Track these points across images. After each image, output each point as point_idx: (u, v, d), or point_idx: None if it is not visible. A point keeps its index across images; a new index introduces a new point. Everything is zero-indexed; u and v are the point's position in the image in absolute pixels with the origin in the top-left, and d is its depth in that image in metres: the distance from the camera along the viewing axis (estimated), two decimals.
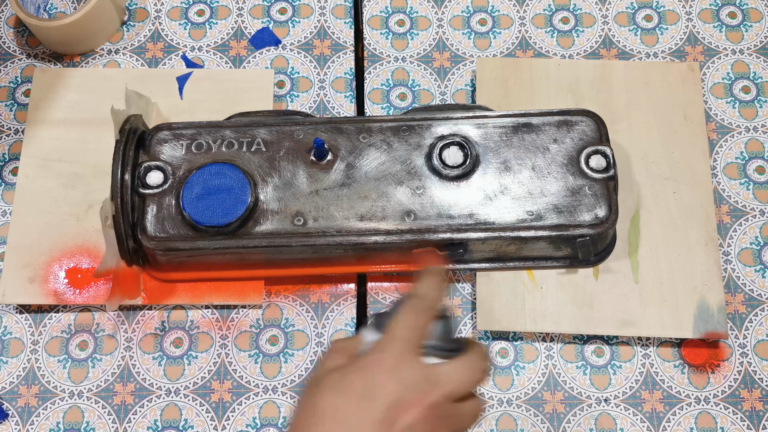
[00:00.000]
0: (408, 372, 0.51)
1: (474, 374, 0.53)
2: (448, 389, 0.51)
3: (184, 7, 0.90)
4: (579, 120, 0.74)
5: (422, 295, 0.55)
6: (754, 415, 0.74)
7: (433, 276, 0.56)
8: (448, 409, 0.52)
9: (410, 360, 0.52)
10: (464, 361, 0.53)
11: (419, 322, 0.53)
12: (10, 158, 0.84)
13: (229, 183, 0.71)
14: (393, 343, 0.52)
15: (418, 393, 0.50)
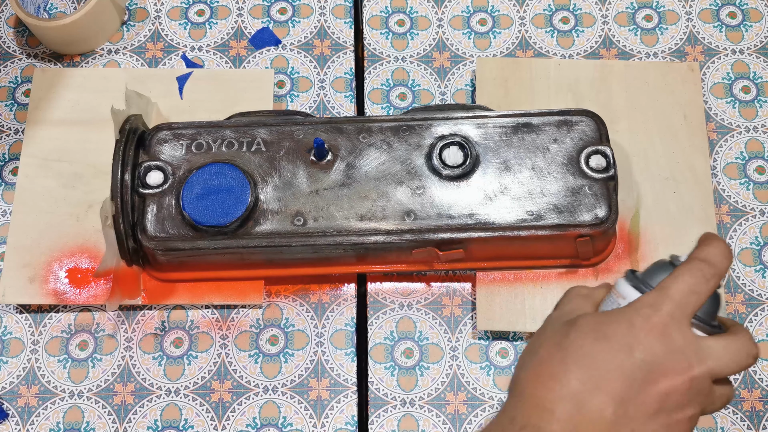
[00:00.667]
0: (678, 337, 0.49)
1: (741, 357, 0.50)
2: (713, 366, 0.49)
3: (184, 7, 0.90)
4: (579, 120, 0.74)
5: (710, 261, 0.51)
6: (754, 415, 0.74)
7: (721, 242, 0.52)
8: (706, 387, 0.49)
9: (682, 326, 0.49)
10: (735, 341, 0.50)
11: (701, 288, 0.50)
12: (10, 158, 0.84)
13: (229, 183, 0.71)
14: (667, 303, 0.49)
15: (685, 362, 0.48)
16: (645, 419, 0.48)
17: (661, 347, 0.48)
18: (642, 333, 0.49)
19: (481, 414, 0.74)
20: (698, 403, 0.49)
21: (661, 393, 0.48)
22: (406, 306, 0.78)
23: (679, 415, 0.48)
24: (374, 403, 0.75)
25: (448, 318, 0.78)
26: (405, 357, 0.77)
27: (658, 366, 0.48)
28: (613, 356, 0.48)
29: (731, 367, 0.50)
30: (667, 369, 0.48)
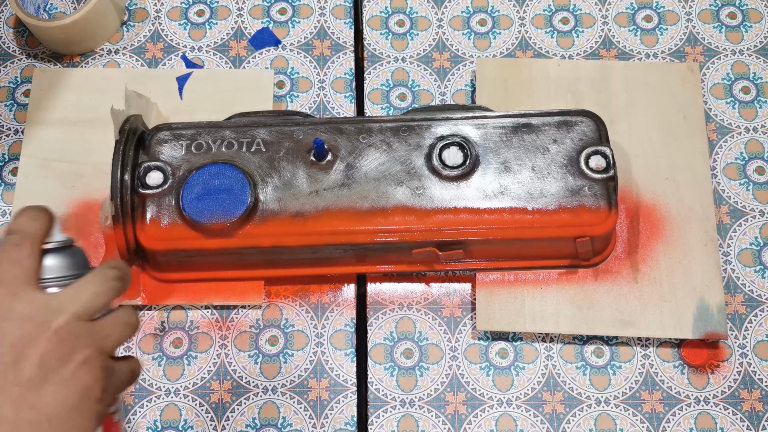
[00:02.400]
0: (20, 307, 0.48)
1: (101, 286, 0.50)
2: (74, 309, 0.49)
3: (184, 8, 0.90)
4: (579, 120, 0.74)
5: (16, 230, 0.51)
6: (753, 416, 0.74)
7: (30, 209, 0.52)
8: (83, 328, 0.49)
9: (21, 296, 0.49)
10: (87, 278, 0.51)
11: (17, 256, 0.50)
12: (10, 158, 0.84)
13: (229, 183, 0.71)
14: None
15: (39, 323, 0.48)
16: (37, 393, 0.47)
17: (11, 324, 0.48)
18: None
19: (480, 414, 0.74)
20: (84, 345, 0.49)
21: (36, 362, 0.47)
22: (406, 306, 0.78)
23: (69, 365, 0.48)
24: (374, 404, 0.75)
25: (447, 318, 0.78)
26: (405, 357, 0.77)
27: (19, 341, 0.47)
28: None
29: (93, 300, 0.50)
30: (28, 338, 0.48)
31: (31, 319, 0.48)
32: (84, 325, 0.49)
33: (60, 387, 0.48)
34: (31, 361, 0.47)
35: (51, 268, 0.52)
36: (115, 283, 0.51)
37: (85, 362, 0.49)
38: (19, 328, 0.48)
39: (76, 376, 0.48)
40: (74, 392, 0.48)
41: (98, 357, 0.49)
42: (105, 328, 0.51)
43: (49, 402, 0.47)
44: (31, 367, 0.47)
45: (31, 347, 0.47)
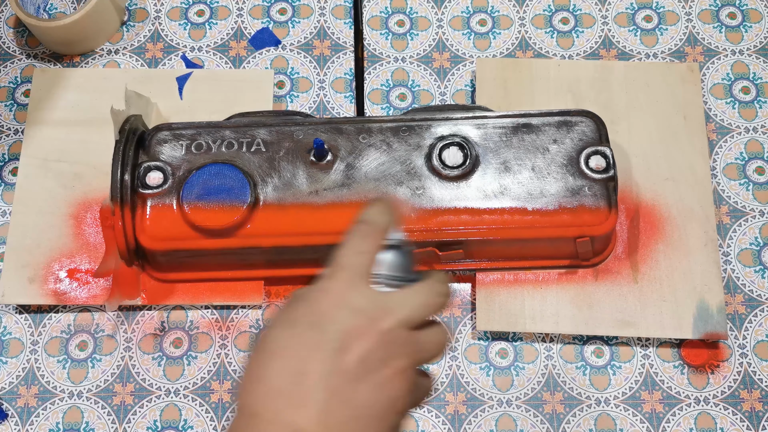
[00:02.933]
0: (357, 299, 0.48)
1: (430, 299, 0.50)
2: (402, 315, 0.48)
3: (183, 8, 0.90)
4: (579, 120, 0.74)
5: (367, 220, 0.51)
6: (753, 416, 0.74)
7: (381, 202, 0.53)
8: (405, 337, 0.48)
9: (359, 287, 0.49)
10: (419, 287, 0.50)
11: (364, 247, 0.50)
12: (10, 158, 0.84)
13: (229, 183, 0.71)
14: (339, 270, 0.49)
15: (369, 319, 0.48)
16: (352, 387, 0.46)
17: (345, 313, 0.48)
18: (324, 306, 0.48)
19: (480, 414, 0.74)
20: (403, 355, 0.48)
21: (358, 357, 0.47)
22: None
23: (386, 371, 0.47)
24: None
25: (447, 318, 0.78)
26: None
27: (346, 332, 0.47)
28: (308, 338, 0.47)
29: (421, 310, 0.49)
30: (355, 332, 0.47)
31: (362, 313, 0.48)
32: (407, 333, 0.49)
33: (374, 389, 0.47)
34: (354, 355, 0.47)
35: (384, 265, 0.51)
36: (442, 299, 0.50)
37: (401, 372, 0.48)
38: (350, 319, 0.47)
39: (392, 383, 0.47)
40: (385, 398, 0.47)
41: (411, 370, 0.49)
42: (423, 341, 0.50)
43: (362, 401, 0.47)
44: (352, 361, 0.47)
45: (357, 342, 0.47)
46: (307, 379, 0.46)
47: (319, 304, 0.48)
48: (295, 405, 0.46)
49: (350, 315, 0.48)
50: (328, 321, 0.47)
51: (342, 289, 0.49)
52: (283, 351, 0.47)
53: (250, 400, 0.47)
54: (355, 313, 0.48)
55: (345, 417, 0.46)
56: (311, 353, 0.47)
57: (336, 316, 0.48)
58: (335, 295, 0.48)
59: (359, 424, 0.47)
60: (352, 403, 0.46)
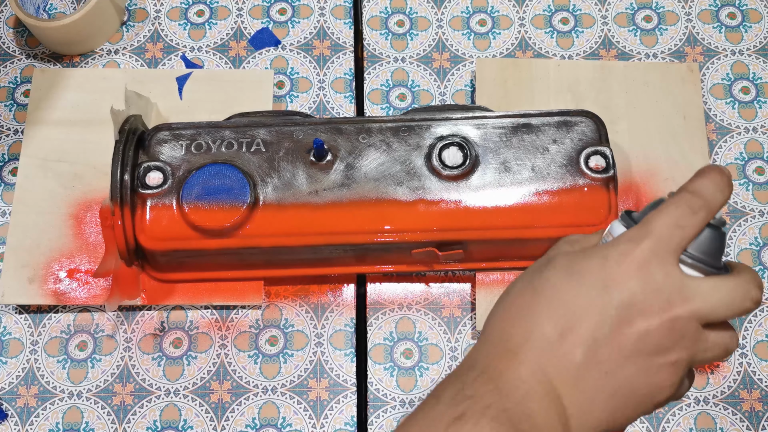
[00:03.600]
0: (658, 274, 0.44)
1: (737, 299, 0.44)
2: (699, 307, 0.44)
3: (183, 8, 0.90)
4: (578, 120, 0.74)
5: (698, 192, 0.46)
6: (753, 416, 0.74)
7: (715, 173, 0.47)
8: (693, 331, 0.44)
9: (664, 262, 0.44)
10: (729, 282, 0.45)
11: (688, 221, 0.45)
12: (10, 158, 0.84)
13: (228, 183, 0.71)
14: (648, 237, 0.45)
15: (664, 301, 0.43)
16: (619, 362, 0.44)
17: (639, 284, 0.44)
18: (618, 269, 0.44)
19: None
20: (684, 348, 0.44)
21: (638, 334, 0.44)
22: (406, 307, 0.78)
23: (660, 359, 0.44)
24: (374, 404, 0.75)
25: (447, 318, 0.78)
26: (404, 357, 0.77)
27: (634, 305, 0.44)
28: (586, 294, 0.44)
29: (722, 309, 0.45)
30: (644, 308, 0.44)
31: (659, 292, 0.44)
32: (696, 327, 0.45)
33: (641, 372, 0.44)
34: (634, 331, 0.44)
35: (695, 244, 0.46)
36: (749, 304, 0.45)
37: (674, 365, 0.45)
38: (643, 294, 0.44)
39: (661, 372, 0.44)
40: (649, 386, 0.45)
41: (686, 366, 0.45)
42: (709, 341, 0.46)
43: (624, 380, 0.44)
44: (630, 336, 0.44)
45: (642, 319, 0.44)
46: (576, 336, 0.44)
47: (617, 266, 0.45)
48: (555, 357, 0.44)
49: (645, 289, 0.44)
50: (619, 287, 0.44)
51: (645, 259, 0.44)
52: (561, 301, 0.45)
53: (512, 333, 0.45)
54: (651, 290, 0.44)
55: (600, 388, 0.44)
56: (590, 313, 0.44)
57: (629, 286, 0.44)
58: (636, 264, 0.44)
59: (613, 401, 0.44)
60: (612, 378, 0.44)
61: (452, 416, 0.43)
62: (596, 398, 0.44)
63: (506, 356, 0.45)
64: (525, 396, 0.44)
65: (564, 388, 0.44)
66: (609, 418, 0.45)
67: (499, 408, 0.43)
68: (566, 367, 0.44)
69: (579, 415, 0.44)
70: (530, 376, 0.44)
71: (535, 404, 0.44)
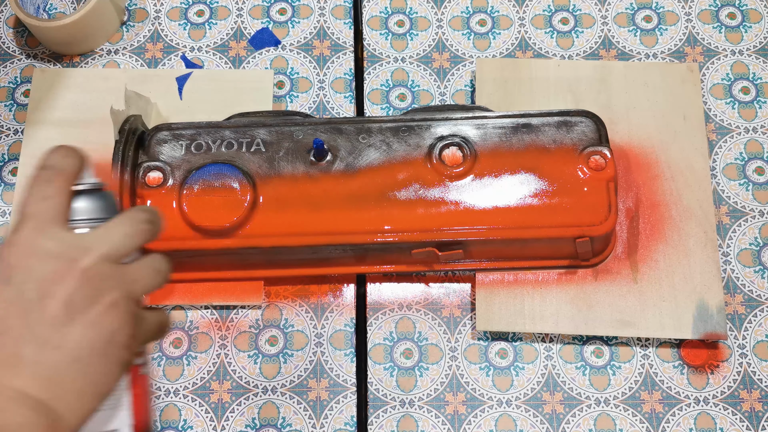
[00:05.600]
0: (48, 244, 0.46)
1: (132, 228, 0.49)
2: (102, 250, 0.47)
3: (183, 8, 0.90)
4: (578, 120, 0.74)
5: (48, 165, 0.49)
6: (753, 416, 0.74)
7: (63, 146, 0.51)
8: (111, 271, 0.47)
9: (48, 232, 0.47)
10: (118, 220, 0.49)
11: (49, 191, 0.48)
12: (10, 158, 0.84)
13: (229, 183, 0.71)
14: (25, 220, 0.47)
15: (66, 261, 0.46)
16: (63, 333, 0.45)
17: (38, 261, 0.46)
18: (12, 259, 0.46)
19: (480, 414, 0.74)
20: (111, 288, 0.47)
21: (62, 301, 0.45)
22: (406, 307, 0.78)
23: (96, 307, 0.46)
24: (373, 404, 0.75)
25: (447, 319, 0.78)
26: (404, 357, 0.77)
27: (43, 280, 0.45)
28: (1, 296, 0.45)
29: (123, 241, 0.48)
30: (53, 277, 0.45)
31: (58, 256, 0.46)
32: (112, 267, 0.47)
33: (86, 328, 0.46)
34: (57, 299, 0.45)
35: (81, 210, 0.50)
36: (146, 225, 0.49)
37: (113, 305, 0.46)
38: (46, 265, 0.46)
39: (103, 318, 0.46)
40: (100, 335, 0.46)
41: (126, 302, 0.47)
42: (134, 272, 0.49)
43: (74, 343, 0.45)
44: (56, 305, 0.45)
45: (57, 286, 0.45)
46: (10, 337, 0.45)
47: (9, 257, 0.46)
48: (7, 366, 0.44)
49: (44, 261, 0.46)
50: (21, 272, 0.46)
51: (30, 237, 0.47)
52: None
53: None
54: (50, 258, 0.46)
55: (61, 363, 0.45)
56: (9, 310, 0.45)
57: (29, 266, 0.46)
58: (24, 245, 0.47)
59: (79, 366, 0.45)
60: (65, 348, 0.45)
61: None
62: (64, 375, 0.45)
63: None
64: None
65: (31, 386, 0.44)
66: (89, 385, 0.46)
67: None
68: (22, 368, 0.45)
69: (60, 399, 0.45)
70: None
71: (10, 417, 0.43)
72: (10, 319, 0.45)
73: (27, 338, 0.45)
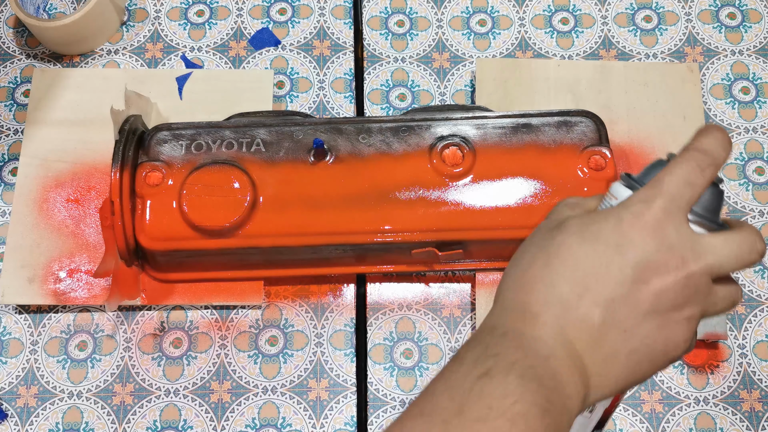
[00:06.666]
0: (672, 232, 0.45)
1: (744, 251, 0.46)
2: (711, 261, 0.45)
3: (183, 8, 0.90)
4: (578, 120, 0.74)
5: (705, 150, 0.46)
6: (753, 416, 0.74)
7: (718, 131, 0.48)
8: (705, 286, 0.45)
9: (676, 220, 0.45)
10: (735, 236, 0.46)
11: (697, 179, 0.46)
12: (10, 158, 0.84)
13: (229, 183, 0.71)
14: (660, 196, 0.45)
15: (679, 258, 0.44)
16: (636, 320, 0.45)
17: (653, 244, 0.45)
18: (632, 230, 0.45)
19: None
20: (696, 303, 0.46)
21: (654, 292, 0.45)
22: (406, 307, 0.78)
23: (676, 315, 0.45)
24: (373, 404, 0.75)
25: (447, 319, 0.78)
26: (404, 357, 0.77)
27: (650, 264, 0.45)
28: (602, 256, 0.45)
29: (731, 262, 0.46)
30: (660, 266, 0.45)
31: (673, 249, 0.45)
32: (708, 282, 0.46)
33: (659, 329, 0.45)
34: (651, 289, 0.45)
35: (701, 203, 0.47)
36: (755, 256, 0.46)
37: (689, 320, 0.46)
38: (658, 252, 0.45)
39: (677, 327, 0.45)
40: (663, 343, 0.45)
41: (698, 320, 0.46)
42: (718, 294, 0.47)
43: (643, 337, 0.45)
44: (647, 294, 0.45)
45: (658, 277, 0.45)
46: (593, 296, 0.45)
47: (631, 227, 0.45)
48: (575, 318, 0.45)
49: (659, 248, 0.45)
50: (634, 247, 0.45)
51: (659, 218, 0.45)
52: (578, 264, 0.45)
53: (529, 298, 0.46)
54: (666, 248, 0.45)
55: (619, 347, 0.45)
56: (606, 273, 0.45)
57: (644, 245, 0.45)
58: (649, 223, 0.45)
59: (631, 358, 0.45)
60: (631, 336, 0.45)
61: (478, 374, 0.44)
62: (615, 357, 0.45)
63: (527, 319, 0.46)
64: (548, 356, 0.44)
65: (584, 348, 0.45)
66: (627, 375, 0.46)
67: (526, 365, 0.44)
68: (586, 328, 0.45)
69: (599, 374, 0.45)
70: (552, 338, 0.45)
71: (558, 363, 0.44)
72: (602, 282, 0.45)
73: (605, 306, 0.45)
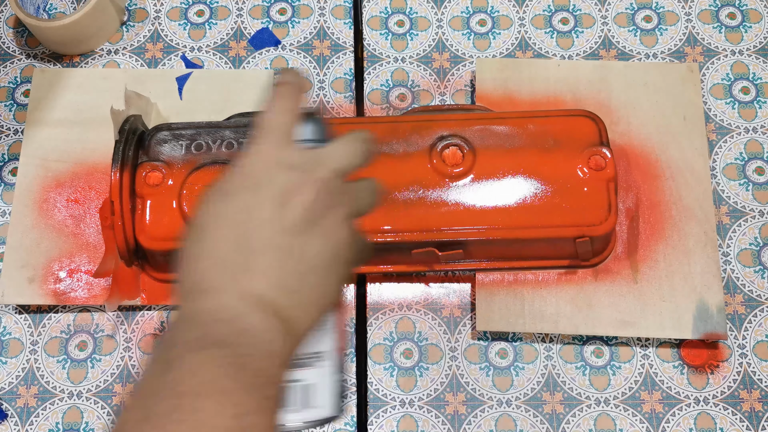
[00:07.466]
0: (289, 155, 0.48)
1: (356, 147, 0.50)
2: (334, 164, 0.49)
3: (183, 8, 0.90)
4: (578, 120, 0.74)
5: (286, 81, 0.52)
6: (753, 416, 0.74)
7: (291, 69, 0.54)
8: (341, 186, 0.49)
9: (288, 145, 0.49)
10: (342, 140, 0.51)
11: (289, 105, 0.50)
12: (10, 158, 0.84)
13: None
14: (268, 132, 0.49)
15: (305, 172, 0.48)
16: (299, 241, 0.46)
17: (280, 170, 0.48)
18: (256, 169, 0.48)
19: (480, 414, 0.74)
20: (340, 203, 0.48)
21: (301, 210, 0.47)
22: (406, 307, 0.78)
23: (329, 219, 0.47)
24: (373, 404, 0.75)
25: (447, 318, 0.78)
26: (404, 357, 0.77)
27: (284, 188, 0.47)
28: (243, 204, 0.47)
29: (350, 158, 0.50)
30: (293, 187, 0.47)
31: (297, 167, 0.48)
32: (341, 182, 0.49)
33: (321, 239, 0.47)
34: (297, 209, 0.47)
35: (302, 132, 0.51)
36: (368, 145, 0.51)
37: (343, 219, 0.48)
38: (286, 175, 0.47)
39: (336, 230, 0.48)
40: (332, 247, 0.47)
41: (350, 219, 0.49)
42: (358, 189, 0.50)
43: (312, 253, 0.47)
44: (296, 215, 0.47)
45: (297, 196, 0.47)
46: (252, 242, 0.46)
47: (253, 167, 0.48)
48: (245, 270, 0.46)
49: (285, 171, 0.48)
50: (264, 181, 0.47)
51: (273, 148, 0.49)
52: (223, 222, 0.47)
53: (196, 278, 0.46)
54: (290, 169, 0.48)
55: (299, 272, 0.46)
56: (252, 216, 0.46)
57: (271, 175, 0.47)
58: (267, 156, 0.48)
59: (314, 276, 0.47)
60: (303, 257, 0.46)
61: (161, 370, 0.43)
62: (300, 281, 0.46)
63: (201, 296, 0.46)
64: (232, 318, 0.45)
65: (266, 290, 0.45)
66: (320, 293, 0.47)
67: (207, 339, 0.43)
68: (261, 273, 0.46)
69: (294, 305, 0.46)
70: (233, 299, 0.45)
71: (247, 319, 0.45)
72: (253, 226, 0.46)
73: (268, 246, 0.46)
